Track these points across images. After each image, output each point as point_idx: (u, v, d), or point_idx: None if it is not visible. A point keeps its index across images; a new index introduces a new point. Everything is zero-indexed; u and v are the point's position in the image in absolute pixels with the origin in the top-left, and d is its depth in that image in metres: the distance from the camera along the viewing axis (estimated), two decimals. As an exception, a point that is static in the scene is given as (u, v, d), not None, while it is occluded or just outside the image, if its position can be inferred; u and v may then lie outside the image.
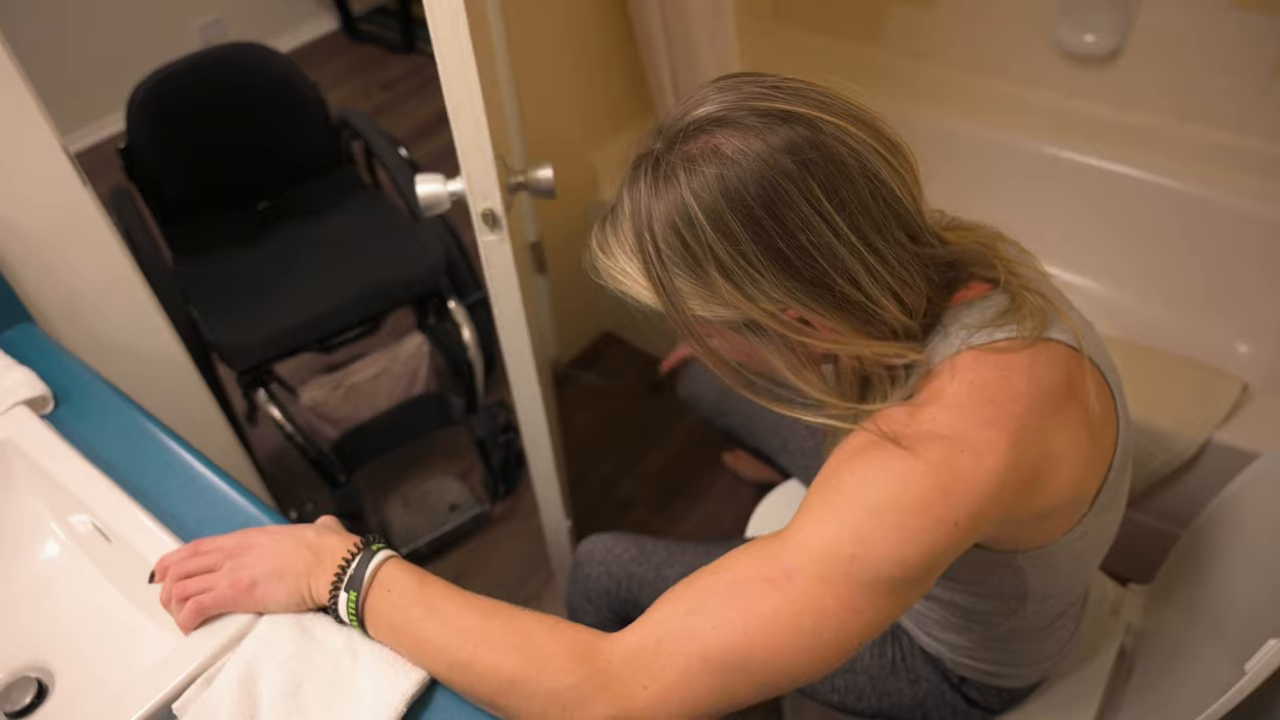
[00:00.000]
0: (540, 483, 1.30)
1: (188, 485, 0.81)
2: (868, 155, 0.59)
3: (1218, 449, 1.32)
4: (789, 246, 0.58)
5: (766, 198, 0.57)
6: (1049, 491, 0.64)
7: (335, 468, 1.59)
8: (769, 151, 0.57)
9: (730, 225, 0.58)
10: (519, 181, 0.98)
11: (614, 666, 0.59)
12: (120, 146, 1.61)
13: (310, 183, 1.80)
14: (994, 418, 0.60)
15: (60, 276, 1.08)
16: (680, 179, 0.59)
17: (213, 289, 1.55)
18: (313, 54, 3.60)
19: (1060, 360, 0.64)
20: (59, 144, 1.01)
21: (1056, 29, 1.73)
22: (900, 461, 0.59)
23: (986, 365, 0.63)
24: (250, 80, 1.67)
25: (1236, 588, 0.88)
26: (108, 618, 0.78)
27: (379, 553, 0.65)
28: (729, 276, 0.59)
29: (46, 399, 0.89)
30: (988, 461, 0.58)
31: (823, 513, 0.60)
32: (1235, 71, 1.58)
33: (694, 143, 0.60)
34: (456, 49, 0.77)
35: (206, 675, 0.63)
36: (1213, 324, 1.75)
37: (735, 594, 0.59)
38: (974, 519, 0.59)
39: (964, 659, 0.86)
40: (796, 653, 0.57)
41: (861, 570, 0.57)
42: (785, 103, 0.59)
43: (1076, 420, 0.64)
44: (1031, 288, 0.68)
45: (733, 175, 0.57)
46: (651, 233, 0.61)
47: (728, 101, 0.60)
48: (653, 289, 0.63)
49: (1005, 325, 0.64)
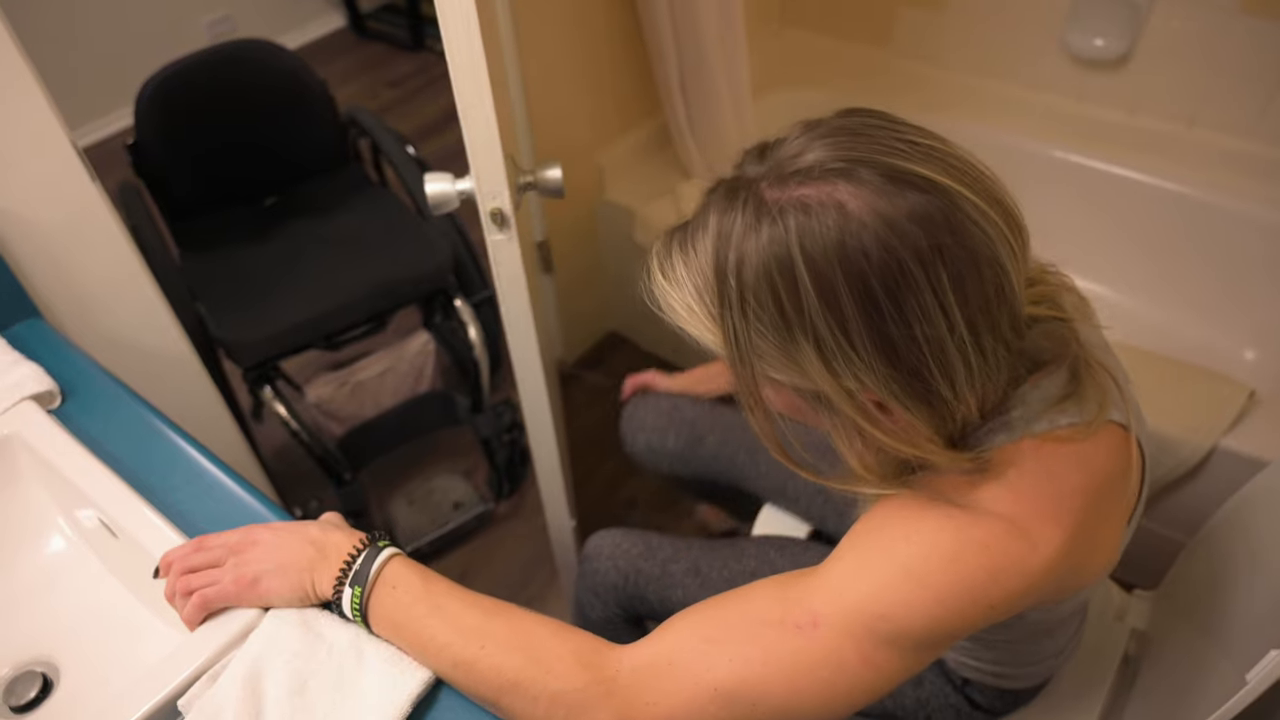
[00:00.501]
0: (545, 481, 1.31)
1: (194, 481, 0.81)
2: (998, 242, 0.53)
3: (1224, 456, 1.31)
4: (900, 335, 0.51)
5: (890, 277, 0.50)
6: (1083, 577, 0.63)
7: (340, 465, 1.59)
8: (901, 224, 0.50)
9: (840, 296, 0.51)
10: (528, 181, 0.98)
11: (622, 676, 0.58)
12: (128, 142, 1.62)
13: (317, 180, 1.81)
14: (1054, 513, 0.57)
15: (68, 272, 1.08)
16: (790, 225, 0.51)
17: (219, 285, 1.55)
18: (321, 51, 3.60)
19: (1118, 448, 0.61)
20: (68, 139, 1.02)
21: (1066, 33, 1.73)
22: (954, 533, 0.56)
23: (1049, 456, 0.59)
24: (258, 77, 1.67)
25: (1241, 597, 0.87)
26: (113, 613, 0.78)
27: (384, 549, 0.66)
28: (821, 350, 0.53)
29: (54, 394, 0.89)
30: (1042, 554, 0.56)
31: (860, 565, 0.58)
32: (1244, 77, 1.58)
33: (811, 188, 0.52)
34: (467, 48, 0.77)
35: (211, 672, 0.63)
36: (1219, 330, 1.74)
37: (759, 633, 0.58)
38: (1010, 604, 0.57)
39: (967, 660, 0.86)
40: (808, 700, 0.57)
41: (887, 631, 0.56)
42: (922, 165, 0.52)
43: (1120, 506, 0.63)
44: (1095, 361, 0.63)
45: (855, 241, 0.50)
46: (740, 278, 0.53)
47: (855, 151, 0.52)
48: (723, 337, 0.57)
49: (1067, 409, 0.60)
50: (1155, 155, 1.74)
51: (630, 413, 1.26)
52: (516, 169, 0.97)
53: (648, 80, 1.79)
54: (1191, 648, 0.92)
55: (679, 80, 1.72)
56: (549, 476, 1.28)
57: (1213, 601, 0.92)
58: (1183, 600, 0.99)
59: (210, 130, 1.66)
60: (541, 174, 0.98)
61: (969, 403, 0.57)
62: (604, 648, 0.60)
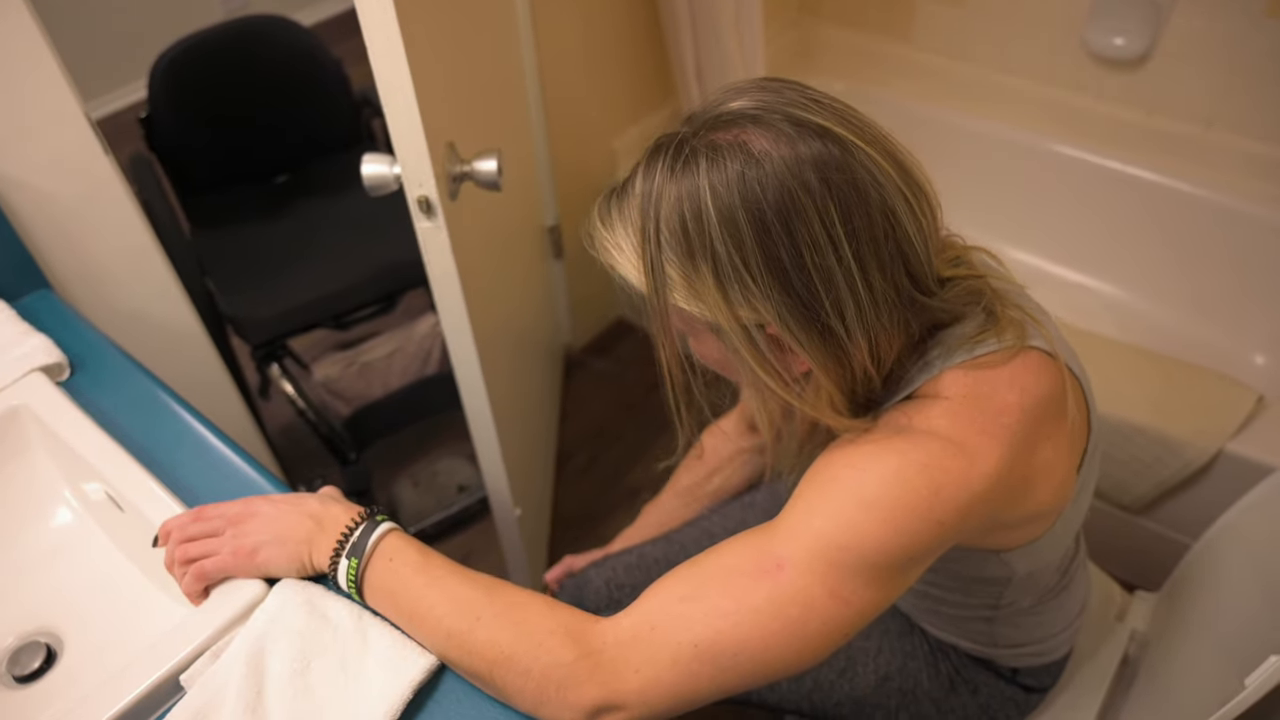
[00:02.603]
0: (488, 471, 1.22)
1: (200, 457, 0.82)
2: (891, 191, 0.58)
3: (1231, 460, 1.31)
4: (790, 261, 0.57)
5: (783, 206, 0.56)
6: (1034, 499, 0.66)
7: (346, 445, 1.60)
8: (796, 161, 0.56)
9: (739, 224, 0.56)
10: (463, 171, 0.94)
11: (607, 649, 0.59)
12: (141, 115, 1.62)
13: (330, 159, 1.80)
14: (987, 428, 0.61)
15: (79, 244, 1.09)
16: (700, 166, 0.57)
17: (230, 262, 1.56)
18: (337, 28, 3.59)
19: (1045, 369, 0.65)
20: (82, 111, 1.02)
21: (1086, 31, 1.71)
22: (895, 456, 0.60)
23: (975, 381, 0.63)
24: (273, 54, 1.67)
25: (1242, 602, 0.87)
26: (118, 587, 0.78)
27: (382, 523, 0.66)
28: (719, 275, 0.58)
29: (63, 366, 0.89)
30: (980, 467, 0.60)
31: (813, 502, 0.61)
32: (1265, 80, 1.56)
33: (722, 133, 0.58)
34: (384, 30, 0.74)
35: (214, 649, 0.64)
36: (1230, 334, 1.73)
37: (731, 583, 0.59)
38: (960, 518, 0.60)
39: (1006, 649, 0.87)
40: (786, 642, 0.58)
41: (848, 560, 0.58)
42: (823, 118, 0.58)
43: (1060, 429, 0.66)
44: (1009, 301, 0.68)
45: (754, 175, 0.56)
46: (657, 214, 0.59)
47: (765, 101, 0.59)
48: (642, 270, 0.62)
49: (985, 340, 0.64)
50: (1172, 156, 1.72)
51: (581, 586, 1.09)
52: (455, 157, 0.93)
53: (664, 68, 1.78)
54: (1191, 650, 0.92)
55: (695, 68, 1.71)
56: (491, 465, 1.20)
57: (1214, 605, 0.92)
58: (1184, 603, 0.98)
59: (223, 106, 1.65)
60: (475, 165, 0.94)
61: (861, 346, 0.60)
62: (593, 622, 0.61)
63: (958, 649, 0.91)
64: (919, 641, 0.92)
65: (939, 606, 0.86)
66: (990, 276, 0.69)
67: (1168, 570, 1.07)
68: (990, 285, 0.68)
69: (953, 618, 0.87)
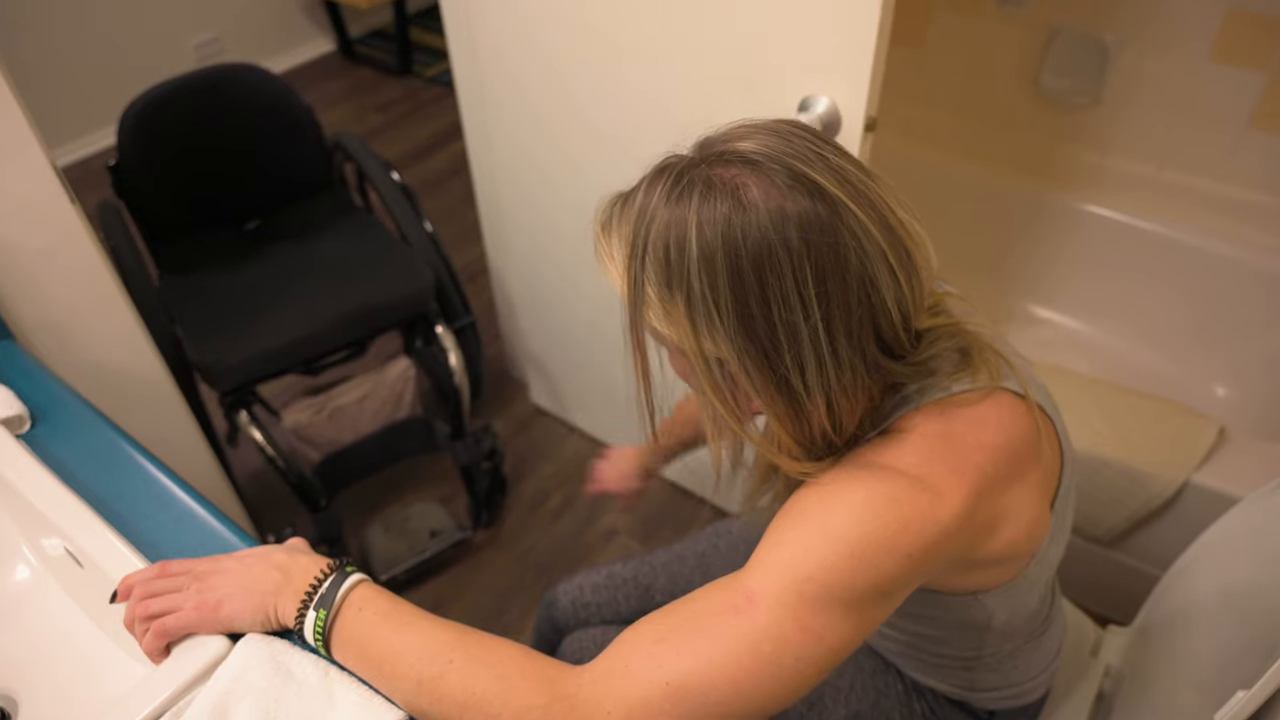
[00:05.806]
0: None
1: (165, 509, 0.80)
2: (874, 258, 0.59)
3: (1196, 491, 1.33)
4: (759, 310, 0.58)
5: (759, 257, 0.57)
6: (1004, 537, 0.66)
7: (316, 491, 1.58)
8: (782, 216, 0.57)
9: (716, 264, 0.58)
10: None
11: (581, 691, 0.59)
12: (110, 163, 1.61)
13: (301, 204, 1.80)
14: (956, 466, 0.62)
15: (43, 293, 1.08)
16: (693, 200, 0.59)
17: (198, 308, 1.54)
18: (309, 74, 3.61)
19: (1016, 411, 0.66)
20: (47, 160, 1.01)
21: (1040, 74, 1.76)
22: (863, 490, 0.61)
23: (947, 418, 0.64)
24: (244, 101, 1.67)
25: (1211, 635, 0.88)
26: (77, 645, 0.76)
27: (352, 574, 0.66)
28: (690, 305, 0.59)
29: (23, 418, 0.88)
30: (949, 504, 0.60)
31: (783, 536, 0.62)
32: (1213, 122, 1.61)
33: (722, 170, 0.59)
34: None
35: (175, 709, 0.62)
36: (1191, 366, 1.77)
37: (704, 623, 0.60)
38: (928, 553, 0.60)
39: (985, 692, 0.87)
40: (758, 680, 0.58)
41: (816, 593, 0.58)
42: (821, 175, 0.59)
43: (1032, 469, 0.66)
44: (984, 344, 0.69)
45: (739, 221, 0.57)
46: (647, 234, 0.60)
47: (771, 148, 0.60)
48: (626, 284, 0.64)
49: (960, 379, 0.66)
50: (1127, 195, 1.77)
51: (564, 599, 1.13)
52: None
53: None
54: (1163, 685, 0.92)
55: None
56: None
57: (1184, 638, 0.93)
58: (1155, 636, 0.99)
59: (194, 155, 1.65)
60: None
61: (818, 406, 0.61)
62: (566, 668, 0.61)
63: (935, 691, 0.90)
64: (893, 680, 0.91)
65: (919, 654, 0.86)
66: (965, 322, 0.70)
67: (1138, 602, 1.07)
68: (966, 329, 0.69)
69: (933, 665, 0.87)
